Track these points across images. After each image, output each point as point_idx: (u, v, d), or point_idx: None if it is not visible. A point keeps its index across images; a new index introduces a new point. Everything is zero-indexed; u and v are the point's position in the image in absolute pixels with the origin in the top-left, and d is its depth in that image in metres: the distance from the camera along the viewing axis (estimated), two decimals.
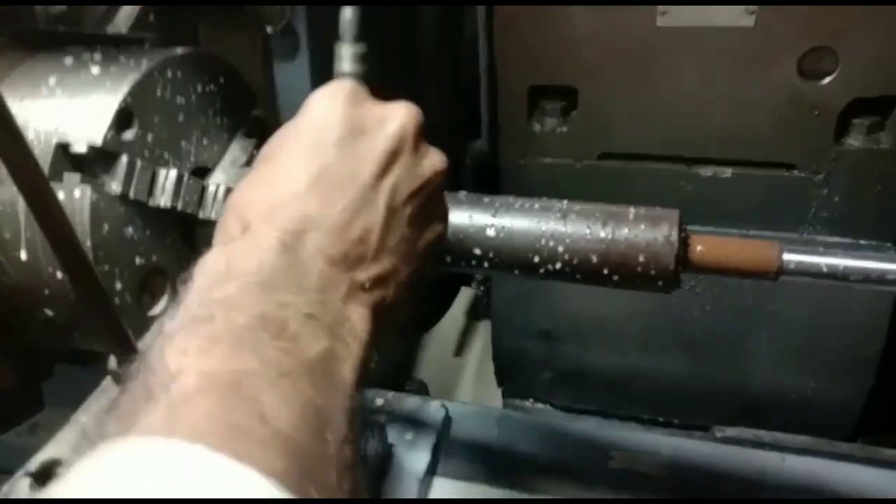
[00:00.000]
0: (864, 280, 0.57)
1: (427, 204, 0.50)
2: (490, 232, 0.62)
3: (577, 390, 1.34)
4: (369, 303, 0.45)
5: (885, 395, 1.16)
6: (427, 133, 0.50)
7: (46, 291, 0.62)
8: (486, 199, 0.64)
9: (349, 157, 0.46)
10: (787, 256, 0.58)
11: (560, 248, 0.60)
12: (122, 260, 0.62)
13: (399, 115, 0.49)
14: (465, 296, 1.72)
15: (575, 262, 0.60)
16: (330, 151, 0.46)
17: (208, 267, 0.42)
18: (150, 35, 0.85)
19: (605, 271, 0.60)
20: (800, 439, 1.08)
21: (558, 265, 0.61)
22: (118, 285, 0.62)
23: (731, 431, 1.11)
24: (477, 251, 0.63)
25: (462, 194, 0.66)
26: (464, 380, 1.85)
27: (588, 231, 0.60)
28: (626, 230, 0.59)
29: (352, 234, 0.45)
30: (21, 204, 0.59)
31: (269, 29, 0.86)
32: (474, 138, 1.21)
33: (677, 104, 1.07)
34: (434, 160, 0.50)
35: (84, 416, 0.41)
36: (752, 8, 0.97)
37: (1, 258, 0.61)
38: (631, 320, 1.22)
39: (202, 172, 0.71)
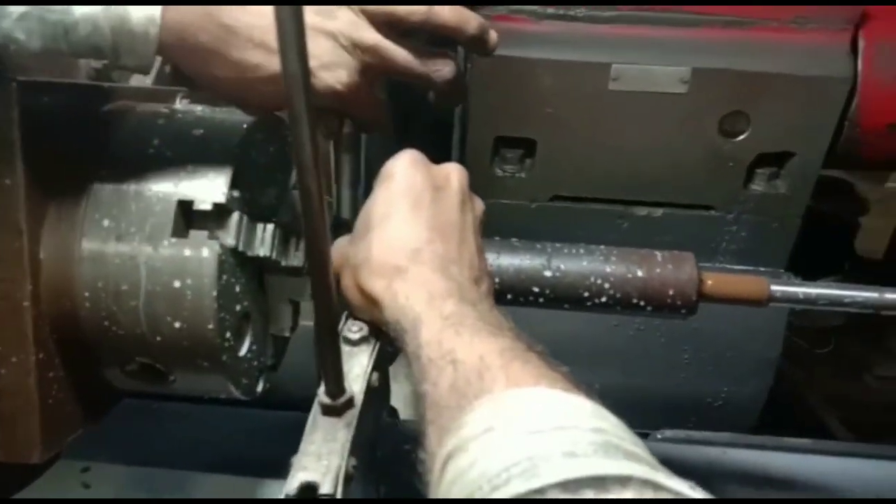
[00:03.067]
0: (830, 304, 0.76)
1: (481, 233, 0.68)
2: (547, 273, 0.74)
3: None
4: (490, 306, 0.59)
5: (780, 394, 1.41)
6: None
7: (158, 339, 0.66)
8: (539, 246, 0.77)
9: (441, 209, 0.62)
10: (773, 287, 0.76)
11: (606, 286, 0.74)
12: (230, 307, 0.68)
13: (456, 173, 0.67)
14: None
15: (618, 296, 0.74)
16: (430, 208, 0.61)
17: (409, 299, 0.53)
18: (180, 89, 0.90)
19: (642, 303, 0.74)
20: (722, 436, 1.28)
21: (604, 299, 0.74)
22: (227, 333, 0.68)
23: (669, 433, 1.30)
24: (535, 289, 0.75)
25: (515, 241, 0.78)
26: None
27: (628, 271, 0.74)
28: (658, 270, 0.74)
29: (467, 263, 0.61)
30: (142, 258, 0.64)
31: None
32: None
33: (620, 155, 1.25)
34: (479, 203, 0.70)
35: (312, 447, 0.48)
36: (685, 77, 1.17)
37: (113, 307, 0.65)
38: (577, 341, 1.38)
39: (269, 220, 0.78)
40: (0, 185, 0.60)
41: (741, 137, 1.21)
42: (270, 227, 0.70)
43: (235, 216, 0.67)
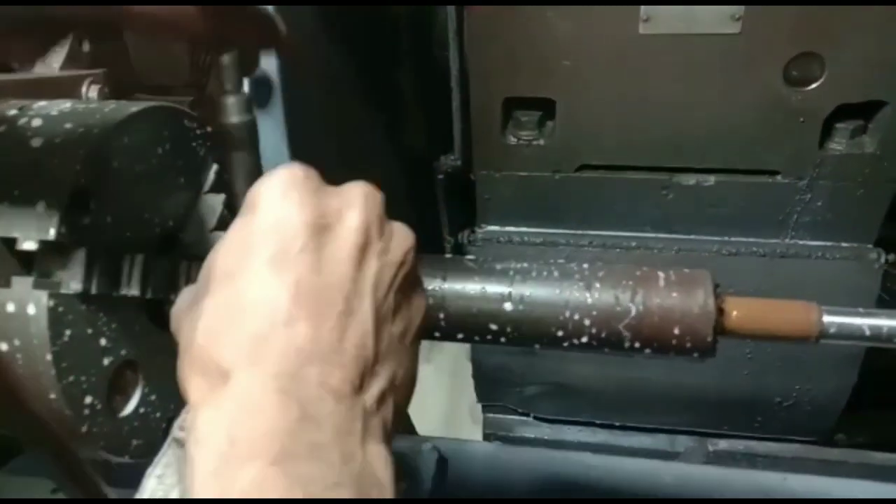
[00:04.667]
0: None
1: (406, 286, 0.43)
2: (507, 306, 0.56)
3: (560, 403, 1.31)
4: (382, 431, 0.39)
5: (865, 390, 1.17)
6: (400, 146, 0.44)
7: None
8: (499, 267, 0.58)
9: (320, 263, 0.39)
10: (826, 319, 0.55)
11: (587, 322, 0.55)
12: (88, 365, 0.54)
13: (358, 201, 0.42)
14: None
15: (603, 335, 0.55)
16: (299, 262, 0.39)
17: (206, 441, 0.34)
18: (91, 73, 0.75)
19: (637, 345, 0.55)
20: (793, 448, 1.07)
21: (584, 339, 0.55)
22: (87, 398, 0.54)
23: (723, 444, 1.10)
24: (493, 326, 0.56)
25: (470, 261, 0.59)
26: (435, 389, 1.80)
27: (615, 302, 0.55)
28: (657, 300, 0.54)
29: (349, 354, 0.38)
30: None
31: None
32: (446, 152, 1.14)
33: (660, 113, 1.02)
34: (401, 238, 0.44)
35: None
36: (737, 14, 0.92)
37: None
38: None
39: (169, 241, 0.63)
40: None
41: (814, 86, 0.96)
42: (139, 258, 0.55)
43: (80, 254, 0.52)
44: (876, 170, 1.01)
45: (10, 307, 0.50)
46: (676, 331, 0.54)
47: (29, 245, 0.49)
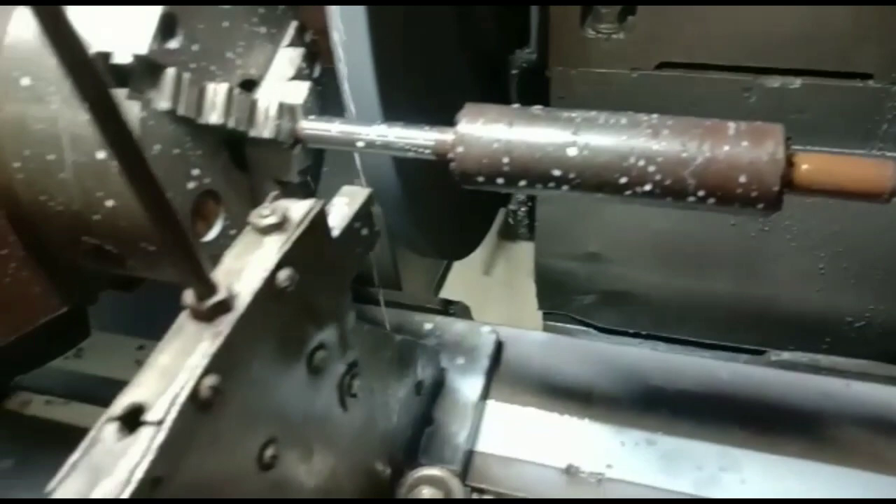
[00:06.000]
0: None
1: None
2: (571, 151, 0.56)
3: (622, 312, 1.31)
4: None
5: None
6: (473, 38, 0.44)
7: (96, 218, 0.57)
8: (565, 115, 0.58)
9: None
10: None
11: (651, 168, 0.55)
12: (174, 183, 0.58)
13: None
14: None
15: (667, 182, 0.55)
16: None
17: None
18: None
19: (701, 193, 0.55)
20: (860, 363, 1.04)
21: (648, 186, 0.55)
22: None
23: (787, 355, 1.08)
24: (556, 172, 0.57)
25: (537, 109, 0.60)
26: (494, 301, 1.82)
27: (683, 149, 0.54)
28: (725, 147, 0.54)
29: None
30: (62, 124, 0.55)
31: None
32: (521, 46, 1.13)
33: (746, 7, 0.98)
34: None
35: (163, 357, 0.38)
36: None
37: (45, 179, 0.57)
38: (685, 240, 1.17)
39: (249, 86, 0.66)
40: None
41: None
42: (223, 87, 0.58)
43: (170, 73, 0.55)
44: None
45: None
46: (743, 178, 0.53)
47: (123, 59, 0.53)
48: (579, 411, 0.94)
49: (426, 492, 0.75)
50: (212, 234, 0.63)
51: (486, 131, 0.58)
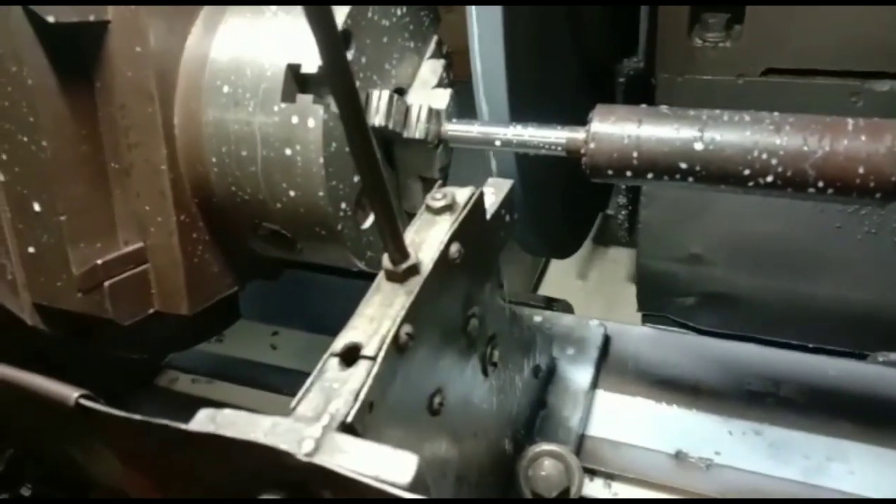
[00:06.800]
0: None
1: None
2: (698, 145, 0.62)
3: (722, 315, 1.34)
4: None
5: None
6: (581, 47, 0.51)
7: (277, 206, 0.67)
8: (692, 113, 0.64)
9: None
10: None
11: (773, 161, 0.60)
12: (345, 177, 0.67)
13: None
14: None
15: (788, 174, 0.60)
16: None
17: None
18: None
19: (820, 184, 0.59)
20: None
21: (770, 178, 0.61)
22: (343, 203, 0.67)
23: (894, 356, 1.08)
24: (683, 165, 0.63)
25: (664, 108, 0.66)
26: (591, 304, 1.87)
27: (804, 143, 0.59)
28: (844, 142, 0.59)
29: None
30: (257, 124, 0.65)
31: None
32: (628, 55, 1.19)
33: (854, 12, 1.01)
34: None
35: (369, 309, 0.46)
36: None
37: (237, 172, 0.67)
38: (789, 243, 1.20)
39: (399, 93, 0.75)
40: (132, 54, 0.63)
41: None
42: (385, 93, 0.67)
43: None
44: None
45: (295, 119, 0.63)
46: (861, 170, 0.58)
47: (310, 69, 0.62)
48: (686, 402, 0.98)
49: (547, 463, 0.82)
50: (368, 222, 0.72)
51: (617, 128, 0.65)
